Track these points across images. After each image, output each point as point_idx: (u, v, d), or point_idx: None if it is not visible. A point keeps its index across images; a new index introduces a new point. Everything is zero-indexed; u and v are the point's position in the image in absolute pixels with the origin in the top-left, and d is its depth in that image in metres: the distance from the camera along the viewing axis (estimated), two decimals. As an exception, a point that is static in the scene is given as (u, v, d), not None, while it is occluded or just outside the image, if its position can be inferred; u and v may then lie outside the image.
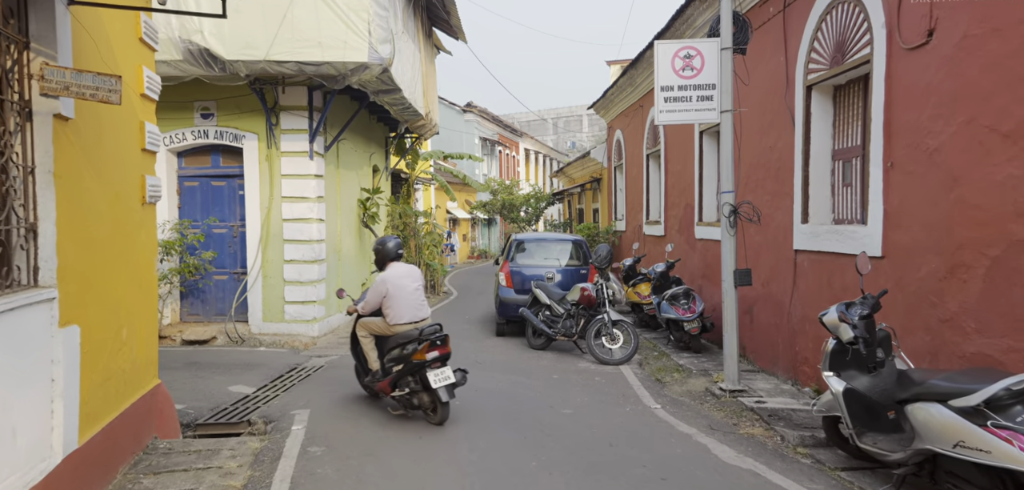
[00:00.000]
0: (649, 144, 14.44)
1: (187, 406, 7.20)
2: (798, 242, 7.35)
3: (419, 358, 6.20)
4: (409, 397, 6.43)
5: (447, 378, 6.19)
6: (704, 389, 7.55)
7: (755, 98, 8.24)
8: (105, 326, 4.84)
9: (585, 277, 11.44)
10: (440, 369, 6.20)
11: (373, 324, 6.76)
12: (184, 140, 11.19)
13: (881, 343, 4.62)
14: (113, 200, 5.02)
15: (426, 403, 6.37)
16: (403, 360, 6.36)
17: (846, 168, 6.85)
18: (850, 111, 6.79)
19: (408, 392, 6.40)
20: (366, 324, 6.82)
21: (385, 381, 6.57)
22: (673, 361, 9.24)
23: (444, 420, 6.30)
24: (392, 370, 6.49)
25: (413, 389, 6.35)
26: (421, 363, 6.18)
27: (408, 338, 6.43)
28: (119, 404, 5.10)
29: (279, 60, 9.61)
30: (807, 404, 6.63)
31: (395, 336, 6.56)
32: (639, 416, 6.66)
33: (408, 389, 6.39)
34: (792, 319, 7.54)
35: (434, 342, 6.26)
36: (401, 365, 6.38)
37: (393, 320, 6.54)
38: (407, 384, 6.39)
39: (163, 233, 10.99)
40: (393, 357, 6.52)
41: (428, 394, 6.28)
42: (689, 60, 7.23)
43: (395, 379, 6.45)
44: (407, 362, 6.30)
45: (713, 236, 10.50)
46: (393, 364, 6.51)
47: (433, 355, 6.19)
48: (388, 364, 6.59)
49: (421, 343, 6.26)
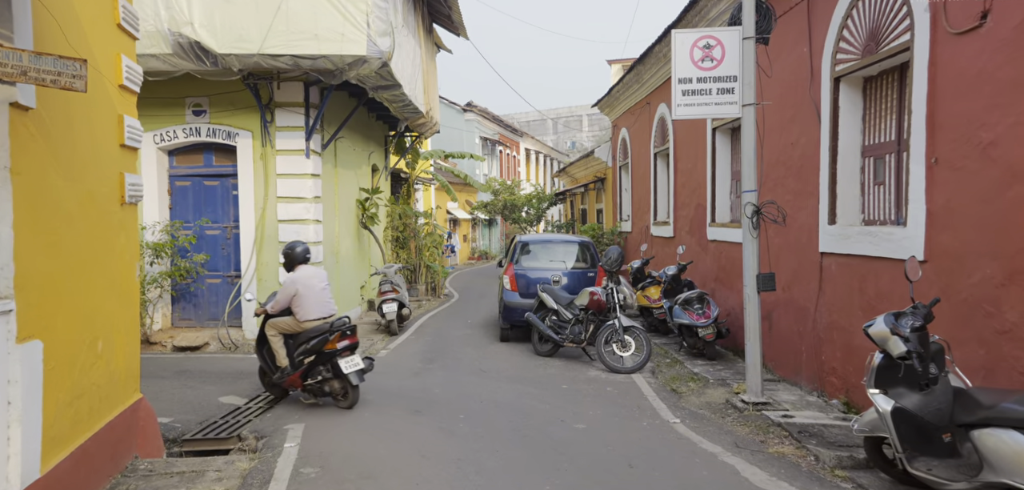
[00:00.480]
0: (657, 142, 13.99)
1: (174, 419, 6.75)
2: (824, 244, 6.90)
3: (331, 347, 6.79)
4: (321, 385, 6.94)
5: (357, 364, 6.84)
6: (724, 401, 7.10)
7: (775, 92, 7.79)
8: (76, 339, 4.39)
9: (593, 280, 11.00)
10: (350, 357, 6.83)
11: (283, 323, 7.12)
12: (175, 138, 10.73)
13: (933, 358, 4.17)
14: (86, 200, 4.57)
15: (337, 389, 6.94)
16: (315, 351, 6.84)
17: (878, 165, 6.40)
18: (883, 104, 6.34)
19: (320, 380, 6.91)
20: (276, 324, 7.15)
21: (296, 374, 6.96)
22: (687, 369, 8.79)
23: (354, 403, 6.90)
24: (303, 363, 6.92)
25: (325, 377, 6.89)
26: (333, 352, 6.79)
27: (315, 330, 6.92)
28: (93, 423, 4.65)
29: (273, 53, 9.16)
30: (838, 419, 6.18)
31: (306, 332, 6.99)
32: (658, 432, 6.21)
33: (320, 377, 6.90)
34: (817, 326, 7.08)
35: (344, 332, 6.89)
36: (313, 356, 6.86)
37: (303, 316, 6.98)
38: (319, 373, 6.90)
39: (153, 235, 10.55)
40: (304, 350, 6.92)
41: (339, 381, 6.88)
42: (709, 50, 6.78)
43: (306, 371, 6.92)
44: (320, 352, 6.82)
45: (727, 238, 10.06)
46: (304, 357, 6.92)
47: (344, 344, 6.83)
48: (299, 358, 6.97)
49: (333, 333, 6.82)
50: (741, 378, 8.11)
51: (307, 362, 6.88)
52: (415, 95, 12.54)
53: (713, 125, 10.48)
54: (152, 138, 10.66)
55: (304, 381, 6.97)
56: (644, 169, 15.31)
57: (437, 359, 9.73)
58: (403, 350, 10.54)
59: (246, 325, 10.69)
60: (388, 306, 11.67)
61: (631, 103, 16.20)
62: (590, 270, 11.18)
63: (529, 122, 52.98)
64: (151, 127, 10.62)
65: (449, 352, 10.30)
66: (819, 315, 7.05)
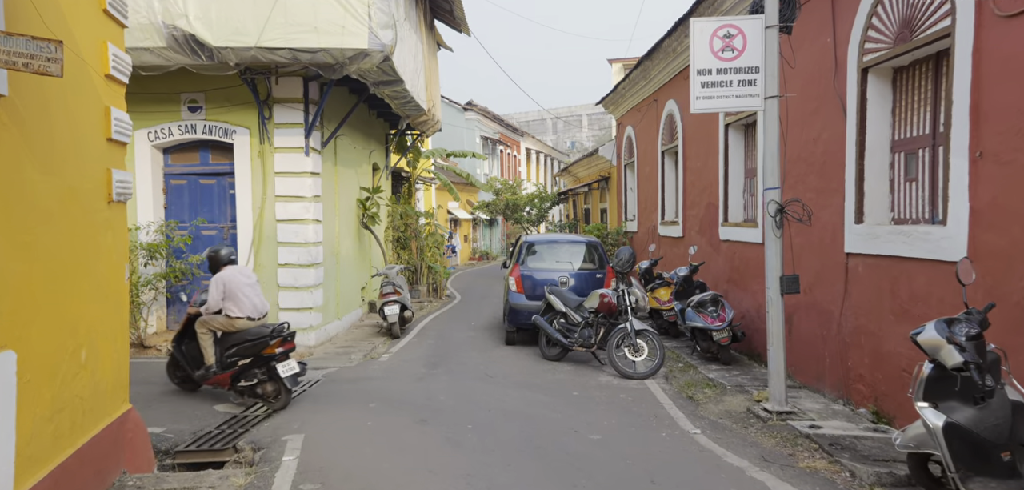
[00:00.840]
0: (665, 140, 13.65)
1: (166, 429, 6.42)
2: (850, 244, 6.56)
3: (270, 352, 6.96)
4: (254, 387, 7.06)
5: (293, 369, 7.07)
6: (745, 409, 6.76)
7: (796, 85, 7.44)
8: (55, 348, 4.04)
9: (601, 282, 10.65)
10: (286, 362, 7.04)
11: (214, 322, 7.16)
12: (170, 135, 10.38)
13: (990, 368, 3.82)
14: (67, 197, 4.22)
15: (269, 392, 7.05)
16: (251, 353, 7.01)
17: (910, 161, 6.06)
18: (915, 96, 6.00)
19: (254, 383, 7.04)
20: (207, 322, 7.20)
21: (226, 374, 7.10)
22: (702, 374, 8.44)
23: (287, 405, 7.05)
24: (237, 363, 7.06)
25: (260, 380, 7.03)
26: (272, 356, 6.96)
27: (254, 333, 7.07)
28: (76, 439, 4.31)
29: (271, 47, 8.82)
30: (869, 429, 5.83)
31: (240, 332, 7.12)
32: (678, 444, 5.86)
33: (255, 380, 7.03)
34: (843, 330, 6.74)
35: (285, 338, 7.10)
36: (249, 358, 7.02)
37: (236, 314, 7.09)
38: (254, 376, 7.04)
39: (147, 235, 10.20)
40: (237, 351, 7.06)
41: (273, 383, 7.03)
42: (729, 40, 6.44)
43: (239, 372, 7.06)
44: (257, 356, 7.00)
45: (741, 237, 9.72)
46: (237, 358, 7.06)
47: (281, 350, 7.02)
48: (230, 358, 7.09)
49: (273, 338, 6.99)
50: (759, 384, 7.77)
51: (242, 364, 7.04)
52: (417, 92, 12.20)
53: (726, 121, 10.13)
54: (146, 135, 10.32)
55: (235, 382, 7.10)
56: (651, 167, 14.97)
57: (441, 364, 9.39)
58: (406, 354, 10.19)
59: (243, 328, 10.34)
60: (390, 308, 11.32)
61: (637, 100, 15.86)
62: (598, 271, 10.83)
63: (529, 122, 52.71)
64: (145, 124, 10.28)
65: (454, 356, 9.96)
66: (845, 319, 6.71)
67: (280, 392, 7.05)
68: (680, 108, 12.54)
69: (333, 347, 10.58)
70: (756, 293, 9.18)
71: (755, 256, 9.19)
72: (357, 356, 9.86)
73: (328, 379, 8.44)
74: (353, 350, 10.29)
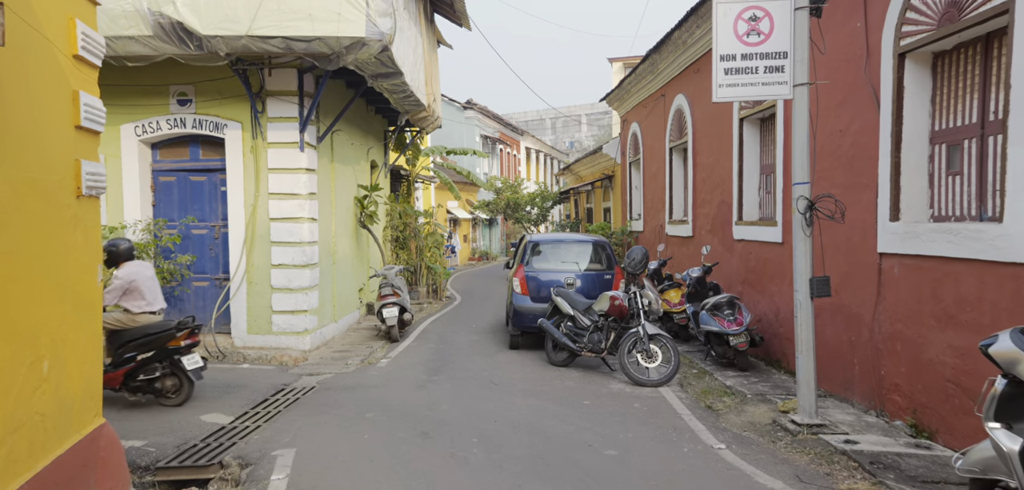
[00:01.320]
0: (673, 136, 13.19)
1: (148, 442, 5.96)
2: (885, 244, 6.10)
3: (175, 344, 6.88)
4: (152, 382, 6.92)
5: (197, 362, 7.01)
6: (771, 421, 6.29)
7: (821, 74, 6.98)
8: (8, 360, 3.56)
9: (609, 283, 10.19)
10: (190, 355, 6.97)
11: (112, 318, 6.98)
12: (158, 129, 9.89)
13: (1072, 384, 3.36)
14: (26, 191, 3.74)
15: (169, 387, 6.97)
16: (153, 347, 6.85)
17: (952, 153, 5.60)
18: (959, 82, 5.54)
19: (154, 378, 6.89)
20: (104, 319, 7.00)
21: (118, 371, 6.83)
22: (719, 381, 7.99)
23: (187, 399, 7.03)
24: (136, 358, 6.84)
25: (162, 374, 6.90)
26: (176, 349, 6.88)
27: (157, 327, 6.93)
28: (35, 462, 3.83)
29: (264, 35, 8.31)
30: (911, 446, 5.37)
31: (141, 327, 6.96)
32: (702, 460, 5.39)
33: (156, 374, 6.88)
34: (875, 336, 6.28)
35: (192, 330, 7.05)
36: (151, 352, 6.85)
37: (139, 309, 6.98)
38: (154, 370, 6.89)
39: (134, 234, 9.71)
40: (137, 346, 6.85)
41: (174, 378, 6.98)
42: (755, 23, 5.97)
43: (137, 367, 6.85)
44: (160, 348, 6.85)
45: (756, 237, 9.27)
46: (136, 353, 6.85)
47: (187, 343, 6.95)
48: (126, 355, 6.85)
49: (180, 330, 6.92)
50: (781, 392, 7.32)
51: (141, 358, 6.84)
52: (417, 86, 11.72)
53: (740, 114, 9.67)
54: (133, 129, 9.83)
55: (129, 379, 6.89)
56: (658, 165, 14.52)
57: (443, 370, 8.91)
58: (405, 359, 9.72)
59: (235, 331, 9.87)
60: (388, 311, 10.85)
61: (644, 96, 15.40)
62: (606, 272, 10.36)
63: (527, 121, 52.35)
64: (132, 118, 9.80)
65: (456, 361, 9.48)
66: (877, 323, 6.25)
67: (182, 386, 7.02)
68: (690, 102, 12.08)
69: (329, 351, 10.10)
70: (774, 295, 8.72)
71: (773, 256, 8.73)
72: (354, 361, 9.39)
73: (323, 386, 7.97)
74: (350, 355, 9.82)
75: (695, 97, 11.82)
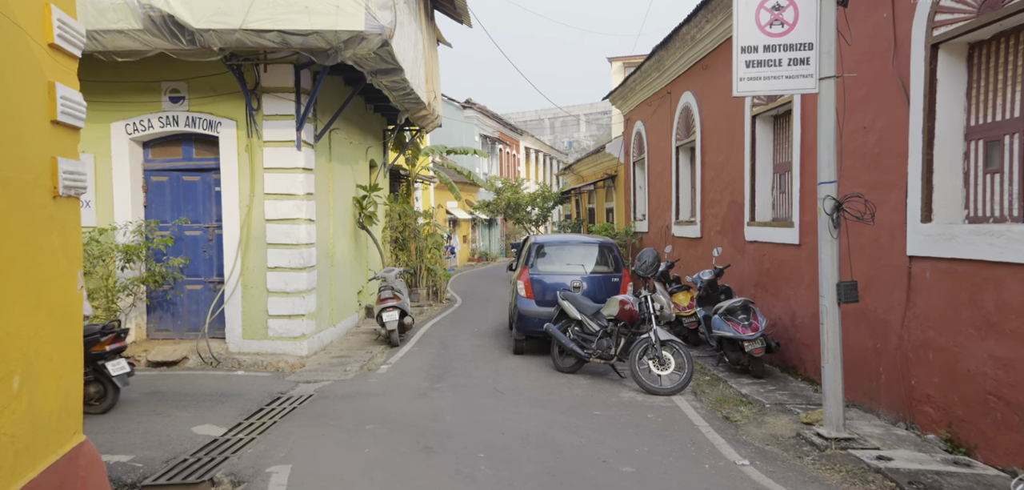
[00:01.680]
0: (680, 134, 12.85)
1: (135, 457, 5.62)
2: (915, 246, 5.76)
3: (99, 349, 6.65)
4: None
5: (123, 368, 6.80)
6: (794, 434, 5.95)
7: (845, 66, 6.64)
8: (-28, 379, 3.22)
9: (617, 286, 9.85)
10: (116, 360, 6.76)
11: None
12: (150, 127, 9.54)
13: None
14: (-7, 189, 3.40)
15: (93, 394, 6.71)
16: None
17: (991, 150, 5.27)
18: (997, 75, 5.21)
19: None
20: None
21: None
22: (734, 390, 7.65)
23: (113, 406, 6.82)
24: None
25: (86, 380, 6.57)
26: (101, 354, 6.66)
27: (87, 332, 6.56)
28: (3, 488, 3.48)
29: (258, 29, 7.96)
30: (948, 462, 5.03)
31: None
32: (726, 479, 5.04)
33: None
34: (905, 344, 5.95)
35: (118, 334, 6.85)
36: None
37: None
38: None
39: (125, 236, 9.37)
40: None
41: (97, 385, 6.73)
42: (779, 12, 5.64)
43: None
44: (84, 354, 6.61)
45: (770, 238, 8.93)
46: None
47: (112, 348, 6.75)
48: None
49: (105, 334, 6.70)
50: (800, 401, 6.99)
51: None
52: (417, 83, 11.37)
53: (752, 112, 9.34)
54: (123, 127, 9.48)
55: None
56: (663, 164, 14.18)
57: (446, 376, 8.57)
58: (406, 365, 9.37)
59: (230, 336, 9.52)
60: (388, 315, 10.50)
61: (648, 94, 15.07)
62: (614, 275, 10.02)
63: (526, 122, 52.09)
64: (122, 115, 9.46)
65: (459, 367, 9.14)
66: (907, 331, 5.91)
67: (106, 393, 6.80)
68: (698, 100, 11.74)
69: (327, 357, 9.74)
70: (790, 299, 8.39)
71: (789, 259, 8.40)
72: (353, 367, 9.04)
73: (320, 395, 7.62)
74: (349, 360, 9.47)
75: (704, 94, 11.49)
